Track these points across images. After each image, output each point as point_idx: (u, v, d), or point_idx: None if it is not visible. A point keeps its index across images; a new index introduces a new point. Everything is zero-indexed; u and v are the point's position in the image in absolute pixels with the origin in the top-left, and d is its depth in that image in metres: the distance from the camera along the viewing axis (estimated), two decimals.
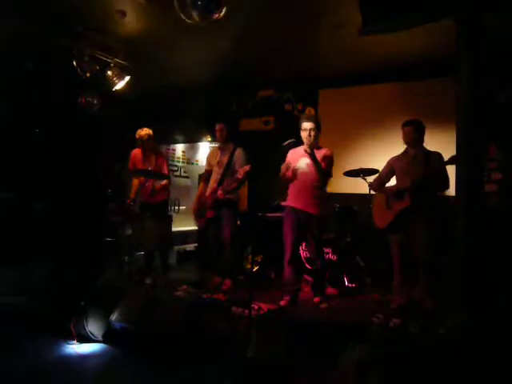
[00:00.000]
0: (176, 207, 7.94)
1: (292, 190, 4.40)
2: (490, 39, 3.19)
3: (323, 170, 4.18)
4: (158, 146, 5.45)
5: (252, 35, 5.21)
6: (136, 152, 5.43)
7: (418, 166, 4.09)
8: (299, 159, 4.31)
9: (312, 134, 4.20)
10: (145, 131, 5.27)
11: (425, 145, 4.28)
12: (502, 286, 3.54)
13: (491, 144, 5.35)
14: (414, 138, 4.19)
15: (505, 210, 4.56)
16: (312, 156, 4.12)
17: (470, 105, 3.05)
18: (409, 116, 6.23)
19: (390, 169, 4.39)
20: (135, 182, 5.47)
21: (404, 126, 4.28)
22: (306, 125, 4.23)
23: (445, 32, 3.32)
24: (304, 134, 4.22)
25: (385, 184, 4.43)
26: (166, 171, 5.40)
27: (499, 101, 5.44)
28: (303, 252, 5.22)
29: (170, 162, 7.91)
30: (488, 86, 3.28)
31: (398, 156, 4.37)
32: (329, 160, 4.26)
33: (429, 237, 3.97)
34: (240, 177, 4.54)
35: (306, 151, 4.12)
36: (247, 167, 4.50)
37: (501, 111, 5.31)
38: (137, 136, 5.27)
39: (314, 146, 4.19)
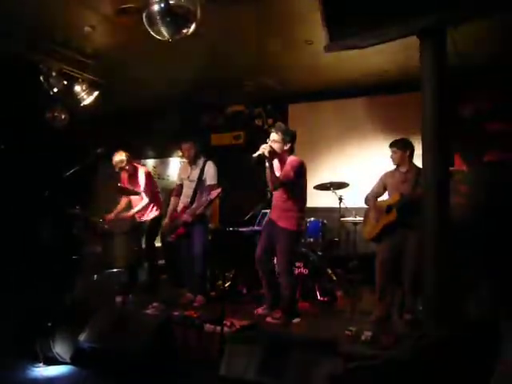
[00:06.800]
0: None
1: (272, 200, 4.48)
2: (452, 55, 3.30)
3: (277, 179, 4.09)
4: (136, 166, 5.44)
5: (223, 51, 5.25)
6: (123, 175, 5.46)
7: (409, 182, 4.18)
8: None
9: (275, 145, 4.14)
10: (118, 157, 5.24)
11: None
12: (471, 297, 3.61)
13: (456, 156, 5.50)
14: (402, 158, 4.28)
15: (470, 221, 4.67)
16: (269, 164, 4.06)
17: (434, 118, 3.12)
18: (377, 130, 6.44)
19: (383, 184, 4.45)
20: (123, 200, 5.52)
21: (390, 146, 4.37)
22: (271, 135, 4.22)
23: (409, 48, 3.43)
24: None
25: (377, 198, 4.49)
26: (147, 189, 5.31)
27: (463, 115, 5.62)
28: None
29: None
30: (451, 101, 3.37)
31: (390, 172, 4.44)
32: (293, 167, 4.13)
33: (415, 251, 3.98)
34: (212, 197, 4.55)
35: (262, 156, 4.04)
36: (218, 190, 4.49)
37: (464, 125, 5.47)
38: (114, 164, 5.28)
39: (275, 157, 4.14)
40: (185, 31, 3.64)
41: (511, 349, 2.01)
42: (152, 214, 5.34)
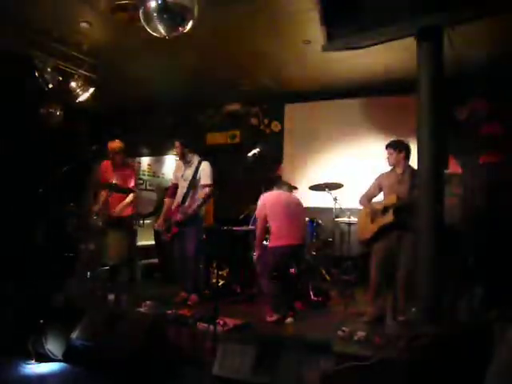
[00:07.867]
0: (141, 221, 7.80)
1: None
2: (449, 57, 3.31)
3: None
4: (127, 160, 5.37)
5: (219, 49, 5.24)
6: (106, 164, 5.31)
7: (404, 184, 4.17)
8: None
9: None
10: (116, 143, 5.15)
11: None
12: (463, 298, 3.62)
13: (451, 159, 5.52)
14: (397, 159, 4.27)
15: (464, 223, 4.69)
16: None
17: (430, 120, 3.13)
18: (373, 131, 6.45)
19: (378, 185, 4.44)
20: (103, 194, 5.33)
21: (386, 148, 4.36)
22: None
23: (406, 49, 3.43)
24: None
25: (372, 199, 4.49)
26: (133, 185, 5.25)
27: (459, 117, 5.63)
28: None
29: None
30: (447, 103, 3.38)
31: (386, 173, 4.43)
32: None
33: (409, 252, 3.97)
34: (202, 197, 4.56)
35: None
36: (206, 191, 4.49)
37: (460, 127, 5.48)
38: (108, 148, 5.15)
39: None
40: (181, 29, 3.62)
41: (504, 349, 2.02)
42: (129, 210, 5.27)
